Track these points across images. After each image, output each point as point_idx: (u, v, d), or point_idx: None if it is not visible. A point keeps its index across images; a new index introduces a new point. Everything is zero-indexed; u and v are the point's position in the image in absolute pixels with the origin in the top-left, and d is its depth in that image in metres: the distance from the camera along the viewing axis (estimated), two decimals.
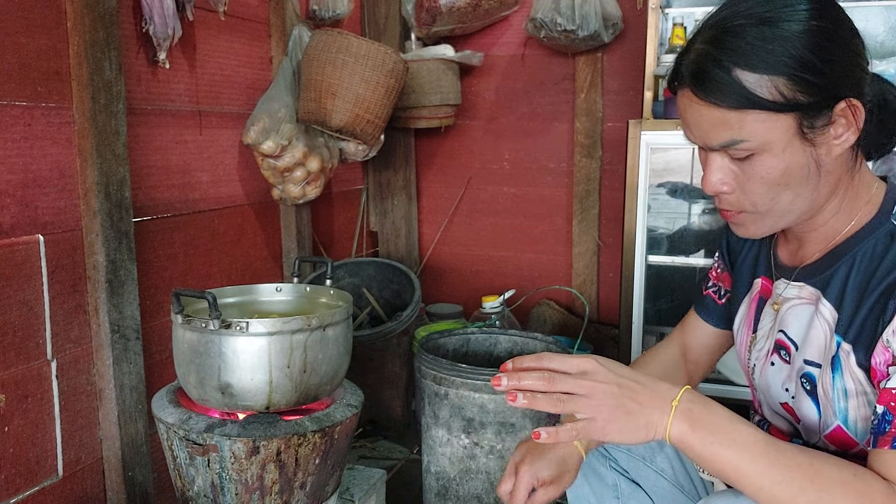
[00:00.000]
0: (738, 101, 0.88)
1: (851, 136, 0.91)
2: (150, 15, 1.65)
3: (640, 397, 0.85)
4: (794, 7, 0.89)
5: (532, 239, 2.79)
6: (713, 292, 1.27)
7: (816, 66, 0.87)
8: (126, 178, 1.61)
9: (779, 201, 0.94)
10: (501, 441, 1.88)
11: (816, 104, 0.88)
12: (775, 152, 0.90)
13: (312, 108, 2.06)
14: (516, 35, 2.68)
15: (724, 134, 0.90)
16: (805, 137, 0.89)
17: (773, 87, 0.87)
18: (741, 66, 0.87)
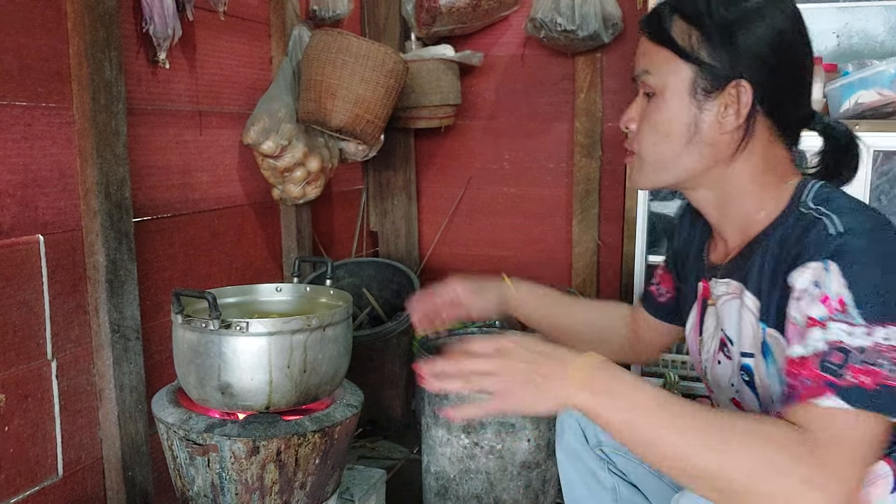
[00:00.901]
0: (659, 36, 1.00)
1: (734, 118, 0.97)
2: (150, 15, 1.65)
3: (545, 370, 0.88)
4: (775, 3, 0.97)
5: (532, 239, 2.79)
6: (655, 288, 1.31)
7: (732, 39, 0.95)
8: (126, 178, 1.61)
9: (657, 151, 1.02)
10: (501, 441, 1.88)
11: (713, 69, 0.96)
12: (668, 97, 0.99)
13: (312, 108, 2.06)
14: (516, 35, 2.68)
15: (642, 62, 1.02)
16: (695, 97, 0.98)
17: (688, 35, 0.97)
18: (679, 11, 0.99)
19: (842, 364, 0.81)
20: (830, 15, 2.29)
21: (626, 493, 1.28)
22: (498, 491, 1.90)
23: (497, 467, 1.89)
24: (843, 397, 0.80)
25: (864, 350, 0.80)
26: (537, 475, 1.91)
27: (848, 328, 0.82)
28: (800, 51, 0.99)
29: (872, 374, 0.80)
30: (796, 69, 0.99)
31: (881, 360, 0.80)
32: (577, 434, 1.31)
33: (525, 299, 1.35)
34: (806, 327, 0.85)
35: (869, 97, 1.86)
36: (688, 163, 1.01)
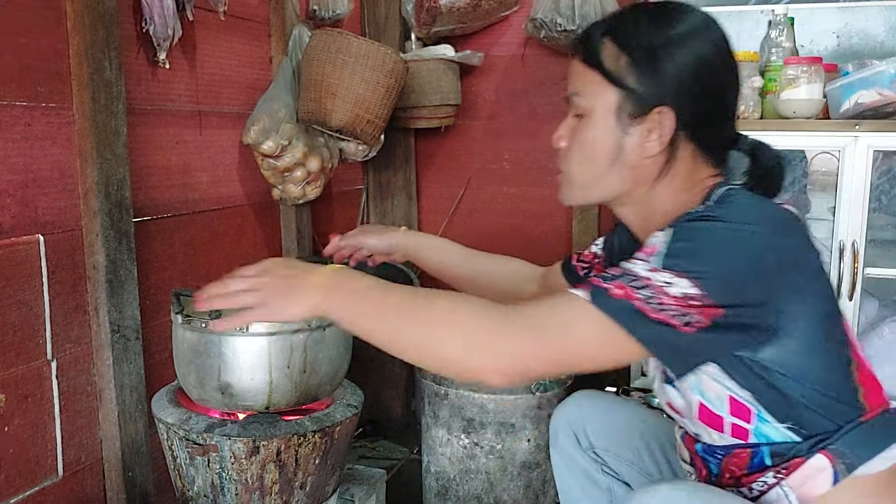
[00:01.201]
0: (589, 58, 1.02)
1: (656, 144, 1.00)
2: (150, 15, 1.65)
3: (295, 281, 0.99)
4: (687, 23, 0.99)
5: (532, 239, 2.79)
6: (579, 264, 1.36)
7: (658, 66, 0.98)
8: (126, 179, 1.61)
9: (582, 171, 1.06)
10: (501, 441, 1.88)
11: (639, 95, 0.99)
12: (594, 120, 1.02)
13: (312, 108, 2.06)
14: (516, 35, 2.68)
15: (572, 83, 1.05)
16: (620, 120, 1.00)
17: (616, 59, 1.00)
18: (609, 34, 1.01)
19: (612, 276, 0.89)
20: (830, 15, 2.29)
21: (621, 493, 1.30)
22: (498, 491, 1.90)
23: (497, 467, 1.89)
24: (591, 292, 0.89)
25: (637, 277, 0.88)
26: (537, 475, 1.91)
27: (641, 263, 0.89)
28: (724, 78, 1.01)
29: (625, 290, 0.87)
30: (720, 95, 1.02)
31: (644, 290, 0.87)
32: (570, 437, 1.33)
33: (417, 245, 1.41)
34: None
35: (869, 97, 1.86)
36: (612, 183, 1.05)
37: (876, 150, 1.89)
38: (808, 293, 0.93)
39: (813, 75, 1.94)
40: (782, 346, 0.92)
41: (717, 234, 0.89)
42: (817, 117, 1.97)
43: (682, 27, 0.99)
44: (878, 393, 1.00)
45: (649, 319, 0.86)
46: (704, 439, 1.06)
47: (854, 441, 0.94)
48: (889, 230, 2.20)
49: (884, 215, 2.20)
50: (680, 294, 0.86)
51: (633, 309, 0.86)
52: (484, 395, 1.86)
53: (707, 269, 0.87)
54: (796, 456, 0.96)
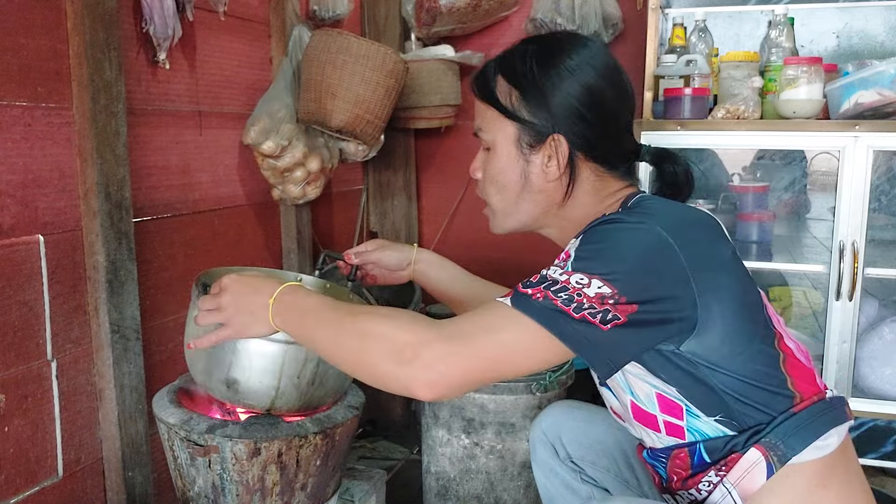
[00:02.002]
0: (485, 96, 1.11)
1: (555, 168, 1.07)
2: (150, 15, 1.65)
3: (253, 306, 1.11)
4: (576, 56, 1.06)
5: (532, 239, 2.77)
6: None
7: (547, 98, 1.05)
8: (126, 179, 1.61)
9: (500, 200, 1.14)
10: (501, 441, 1.88)
11: (533, 126, 1.06)
12: (499, 152, 1.10)
13: (312, 108, 2.06)
14: (516, 35, 2.68)
15: (476, 121, 1.13)
16: (521, 150, 1.08)
17: (509, 95, 1.08)
18: (501, 71, 1.09)
19: (532, 283, 0.94)
20: (830, 15, 2.30)
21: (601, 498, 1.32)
22: (498, 491, 1.90)
23: (497, 467, 1.89)
24: (512, 298, 0.93)
25: (555, 282, 0.92)
26: None
27: (557, 270, 0.94)
28: (611, 98, 1.07)
29: (544, 293, 0.91)
30: (610, 115, 1.07)
31: (562, 293, 0.91)
32: (548, 449, 1.36)
33: (424, 266, 1.45)
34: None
35: (869, 97, 1.86)
36: (526, 209, 1.12)
37: (876, 150, 1.89)
38: (721, 286, 0.95)
39: (813, 75, 1.94)
40: (703, 339, 0.94)
41: (618, 233, 0.95)
42: (817, 117, 1.97)
43: (565, 59, 1.06)
44: (811, 381, 1.01)
45: (571, 318, 0.89)
46: (647, 443, 1.08)
47: (785, 432, 0.96)
48: (889, 230, 2.20)
49: (884, 215, 2.20)
50: (594, 294, 0.90)
51: (554, 309, 0.90)
52: (484, 395, 1.86)
53: (614, 268, 0.91)
54: (733, 451, 0.98)
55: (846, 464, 1.00)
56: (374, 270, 1.47)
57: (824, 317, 1.99)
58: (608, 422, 1.34)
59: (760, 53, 2.18)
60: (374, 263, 1.46)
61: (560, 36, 1.13)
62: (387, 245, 1.47)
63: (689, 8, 2.31)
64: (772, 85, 2.07)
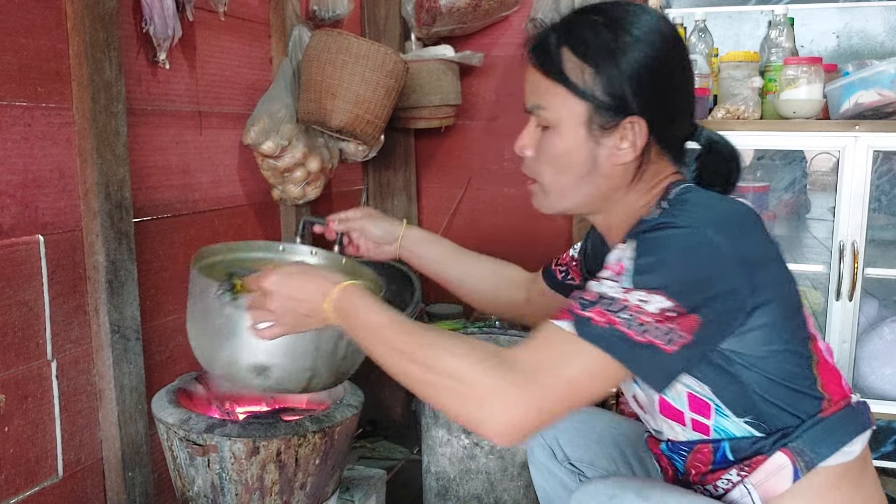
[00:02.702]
0: (552, 72, 1.00)
1: (630, 152, 1.00)
2: (150, 15, 1.65)
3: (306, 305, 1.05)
4: (642, 25, 0.98)
5: (532, 239, 2.79)
6: (557, 268, 1.37)
7: (624, 75, 0.97)
8: (126, 179, 1.61)
9: (557, 181, 1.05)
10: None
11: (608, 106, 0.98)
12: (562, 132, 1.01)
13: (312, 108, 2.06)
14: (516, 35, 2.68)
15: (534, 97, 1.03)
16: (591, 131, 1.00)
17: (581, 72, 0.98)
18: (569, 45, 0.99)
19: (591, 303, 0.89)
20: (830, 15, 2.30)
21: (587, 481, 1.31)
22: (499, 491, 1.90)
23: (497, 467, 1.89)
24: (574, 323, 0.88)
25: (614, 301, 0.88)
26: None
27: (614, 285, 0.90)
28: (684, 74, 1.02)
29: (607, 316, 0.87)
30: (683, 94, 1.03)
31: (623, 313, 0.87)
32: (546, 451, 1.35)
33: (413, 244, 1.39)
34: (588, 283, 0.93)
35: (869, 97, 1.86)
36: (586, 192, 1.05)
37: (876, 151, 1.89)
38: (769, 283, 0.94)
39: (813, 75, 1.94)
40: (746, 336, 0.93)
41: (677, 242, 0.90)
42: (817, 117, 1.97)
43: (639, 30, 0.98)
44: (839, 384, 1.01)
45: (636, 343, 0.86)
46: (668, 435, 1.07)
47: (814, 438, 0.96)
48: (889, 230, 2.21)
49: (884, 215, 2.21)
50: (656, 310, 0.86)
51: (619, 335, 0.86)
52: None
53: (672, 280, 0.88)
54: (759, 453, 0.97)
55: (865, 468, 1.00)
56: (359, 241, 1.40)
57: (824, 317, 1.99)
58: (606, 421, 1.34)
59: (760, 53, 2.18)
60: (359, 232, 1.39)
61: (625, 5, 1.02)
62: (374, 215, 1.40)
63: (689, 8, 2.32)
64: (772, 85, 2.07)
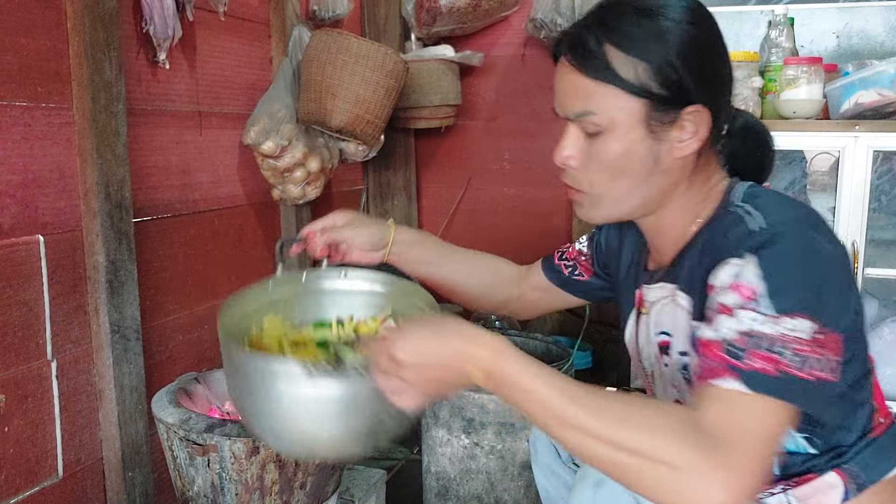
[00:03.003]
0: (599, 73, 0.93)
1: (693, 143, 0.94)
2: (150, 15, 1.65)
3: (449, 374, 0.85)
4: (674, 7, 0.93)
5: (532, 239, 2.79)
6: (561, 262, 1.33)
7: (677, 62, 0.91)
8: (126, 179, 1.61)
9: (613, 187, 0.98)
10: (501, 441, 1.88)
11: (667, 99, 0.92)
12: (619, 134, 0.94)
13: (312, 108, 2.06)
14: (516, 35, 2.68)
15: (580, 103, 0.95)
16: (650, 129, 0.93)
17: (633, 68, 0.92)
18: (612, 42, 0.92)
19: (744, 348, 0.81)
20: (830, 15, 2.30)
21: None
22: (499, 491, 1.90)
23: (497, 467, 1.89)
24: (744, 381, 0.80)
25: (768, 337, 0.81)
26: None
27: (756, 316, 0.82)
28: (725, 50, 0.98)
29: (773, 361, 0.80)
30: (729, 71, 0.99)
31: (784, 350, 0.81)
32: (550, 450, 1.33)
33: (403, 247, 1.30)
34: (717, 313, 0.86)
35: (869, 97, 1.86)
36: (645, 194, 0.98)
37: (876, 151, 1.89)
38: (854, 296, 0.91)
39: (813, 75, 1.94)
40: None
41: (803, 257, 0.85)
42: (817, 117, 1.97)
43: (675, 12, 0.93)
44: (881, 396, 1.01)
45: (807, 382, 0.81)
46: None
47: (867, 460, 0.95)
48: (889, 230, 2.21)
49: (884, 215, 2.21)
50: (809, 337, 0.81)
51: (790, 378, 0.80)
52: (484, 395, 1.86)
53: (811, 298, 0.83)
54: (810, 471, 0.96)
55: None
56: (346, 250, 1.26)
57: None
58: None
59: (760, 53, 2.18)
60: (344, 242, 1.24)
61: None
62: (357, 220, 1.26)
63: None
64: (772, 85, 2.07)
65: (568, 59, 0.96)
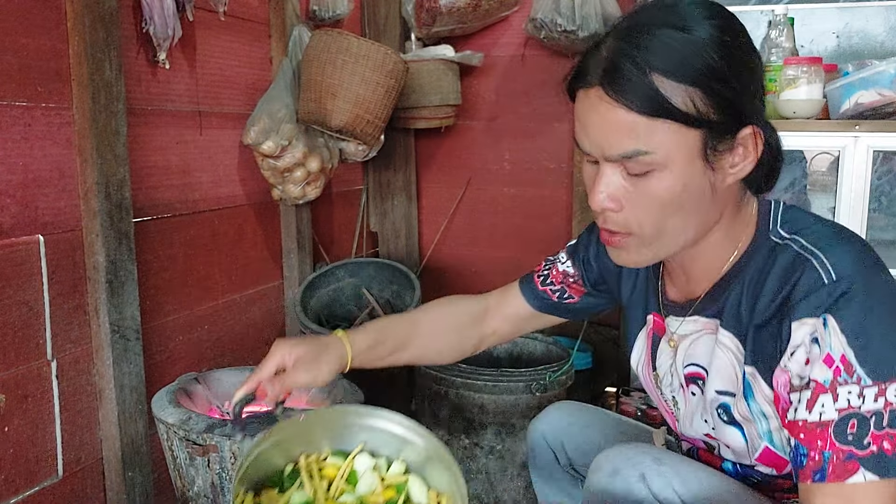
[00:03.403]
0: (653, 107, 0.82)
1: (748, 165, 0.88)
2: (150, 15, 1.65)
3: None
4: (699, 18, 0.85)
5: (532, 239, 2.79)
6: (551, 290, 1.24)
7: (730, 80, 0.83)
8: (126, 179, 1.61)
9: (667, 225, 0.89)
10: (501, 441, 1.88)
11: (724, 124, 0.85)
12: (675, 170, 0.85)
13: (312, 108, 2.06)
14: (516, 35, 2.68)
15: (629, 142, 0.84)
16: (707, 159, 0.85)
17: (688, 97, 0.82)
18: (658, 69, 0.82)
19: (860, 433, 0.77)
20: (830, 15, 2.29)
21: None
22: (498, 491, 1.90)
23: (497, 467, 1.89)
24: (872, 469, 0.76)
25: (878, 414, 0.76)
26: None
27: (857, 390, 0.78)
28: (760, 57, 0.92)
29: (892, 439, 0.76)
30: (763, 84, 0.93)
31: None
32: (548, 455, 1.31)
33: (362, 356, 1.17)
34: (812, 391, 0.81)
35: (869, 97, 1.86)
36: (699, 226, 0.91)
37: (876, 151, 1.89)
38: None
39: (813, 75, 1.94)
40: None
41: (882, 310, 0.80)
42: (817, 117, 1.97)
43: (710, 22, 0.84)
44: None
45: None
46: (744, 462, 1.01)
47: None
48: (889, 230, 2.20)
49: (884, 215, 2.20)
50: None
51: None
52: (484, 395, 1.86)
53: None
54: None
55: None
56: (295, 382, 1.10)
57: None
58: (612, 425, 1.30)
59: (760, 53, 2.18)
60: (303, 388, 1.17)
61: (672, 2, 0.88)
62: (307, 353, 1.10)
63: None
64: (772, 85, 2.06)
65: (607, 91, 0.84)
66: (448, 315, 1.28)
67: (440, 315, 1.28)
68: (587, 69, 0.87)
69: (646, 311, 1.11)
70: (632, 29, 0.86)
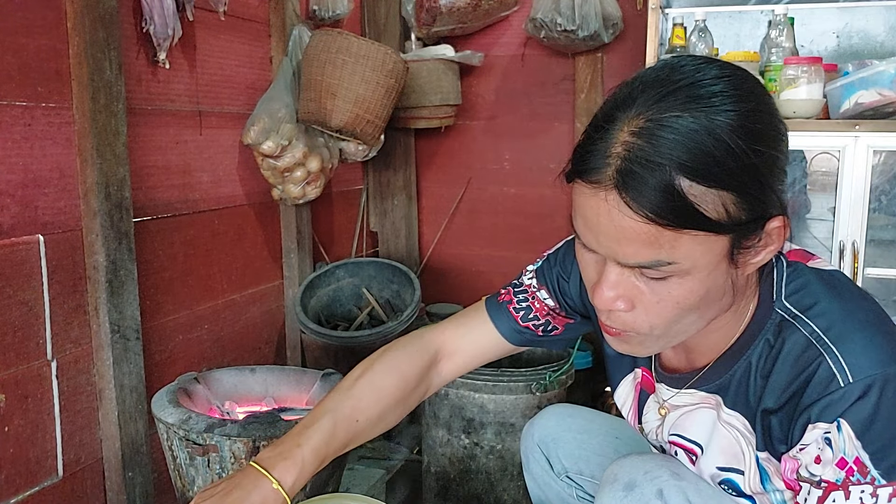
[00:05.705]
0: (679, 219, 0.72)
1: (769, 254, 0.81)
2: (150, 15, 1.65)
3: None
4: (722, 97, 0.74)
5: (532, 239, 2.79)
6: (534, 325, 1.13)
7: (763, 176, 0.75)
8: (126, 179, 1.61)
9: (680, 323, 0.82)
10: (501, 441, 1.88)
11: (754, 222, 0.76)
12: (700, 276, 0.77)
13: (312, 108, 2.06)
14: (516, 35, 2.68)
15: (648, 252, 0.75)
16: (732, 259, 0.78)
17: (720, 202, 0.73)
18: (686, 172, 0.71)
19: None
20: (830, 15, 2.29)
21: None
22: (498, 491, 1.90)
23: (497, 467, 1.89)
24: None
25: None
26: None
27: (870, 489, 0.76)
28: (785, 136, 0.84)
29: None
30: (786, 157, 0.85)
31: None
32: (542, 462, 1.28)
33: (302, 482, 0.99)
34: (824, 490, 0.79)
35: (869, 97, 1.86)
36: (712, 317, 0.85)
37: (876, 150, 1.89)
38: None
39: (813, 75, 1.94)
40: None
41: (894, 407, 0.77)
42: (817, 117, 1.97)
43: (745, 111, 0.75)
44: None
45: None
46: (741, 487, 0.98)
47: None
48: (889, 230, 2.20)
49: (884, 215, 2.20)
50: None
51: None
52: (484, 395, 1.86)
53: None
54: None
55: None
56: None
57: None
58: (606, 430, 1.27)
59: (760, 53, 2.17)
60: None
61: (688, 69, 0.77)
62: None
63: (689, 8, 2.31)
64: (772, 85, 2.07)
65: (623, 198, 0.73)
66: (392, 389, 1.09)
67: (383, 394, 1.08)
68: (595, 163, 0.76)
69: (634, 363, 1.06)
70: (645, 116, 0.74)
